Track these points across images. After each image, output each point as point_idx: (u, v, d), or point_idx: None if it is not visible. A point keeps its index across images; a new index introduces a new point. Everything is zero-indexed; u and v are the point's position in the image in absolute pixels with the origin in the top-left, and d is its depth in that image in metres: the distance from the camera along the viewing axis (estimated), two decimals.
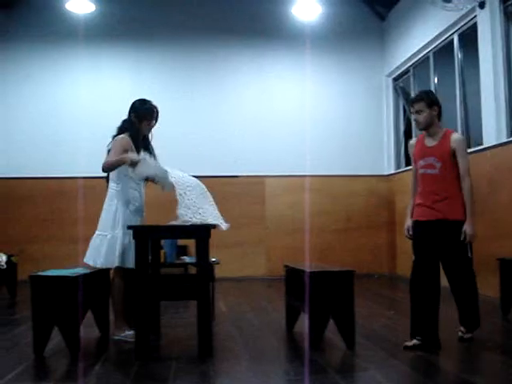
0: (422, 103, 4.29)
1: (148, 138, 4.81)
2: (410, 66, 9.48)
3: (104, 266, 4.55)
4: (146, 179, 4.56)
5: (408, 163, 9.66)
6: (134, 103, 4.75)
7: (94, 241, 4.61)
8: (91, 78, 9.83)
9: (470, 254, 4.29)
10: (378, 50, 10.20)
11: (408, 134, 9.83)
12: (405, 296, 7.74)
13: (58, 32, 9.72)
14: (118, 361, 4.06)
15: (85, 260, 4.63)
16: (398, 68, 9.81)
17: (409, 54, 9.27)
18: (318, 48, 9.93)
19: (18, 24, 9.73)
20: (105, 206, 4.63)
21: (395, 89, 10.18)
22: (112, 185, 4.62)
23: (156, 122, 4.77)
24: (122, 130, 4.68)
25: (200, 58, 9.96)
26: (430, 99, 4.30)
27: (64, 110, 9.68)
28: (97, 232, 4.64)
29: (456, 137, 4.29)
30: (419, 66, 9.31)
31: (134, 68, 9.95)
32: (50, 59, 9.76)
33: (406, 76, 9.81)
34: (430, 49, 8.75)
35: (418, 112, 4.30)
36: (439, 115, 4.34)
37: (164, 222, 4.32)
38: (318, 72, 10.03)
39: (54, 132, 9.60)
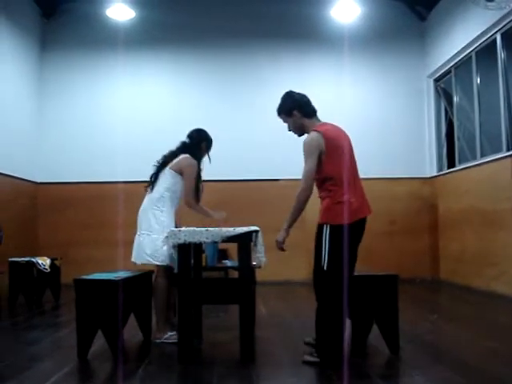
0: (282, 116, 4.22)
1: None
2: (452, 66, 9.31)
3: (150, 262, 4.65)
4: None
5: (451, 165, 9.52)
6: (203, 132, 5.07)
7: (137, 240, 4.75)
8: (130, 84, 9.91)
9: (324, 266, 3.79)
10: (418, 51, 10.05)
11: (450, 136, 9.67)
12: (448, 300, 7.67)
13: (98, 39, 9.83)
14: (161, 364, 4.07)
15: (133, 259, 4.77)
16: (439, 69, 9.64)
17: (450, 55, 9.10)
18: (357, 50, 9.85)
19: (59, 32, 9.90)
20: (146, 208, 4.78)
21: (436, 90, 10.02)
22: (161, 190, 4.76)
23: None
24: (182, 151, 4.91)
25: (240, 62, 9.97)
26: (283, 109, 4.18)
27: (103, 118, 9.78)
28: (138, 232, 4.76)
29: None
30: (461, 67, 9.14)
31: (172, 74, 9.99)
32: (90, 67, 9.85)
33: (447, 77, 9.64)
34: (471, 49, 8.58)
35: (285, 123, 4.22)
36: (305, 114, 4.12)
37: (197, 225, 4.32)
38: (357, 74, 9.95)
39: (94, 139, 9.70)
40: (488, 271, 7.76)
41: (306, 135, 4.06)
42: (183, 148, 4.93)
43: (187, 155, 4.83)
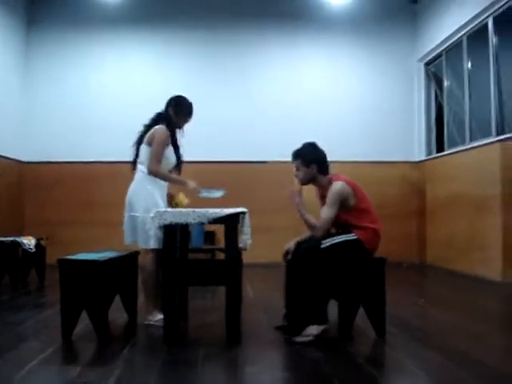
0: (297, 162, 4.29)
1: (175, 134, 4.83)
2: (443, 50, 9.27)
3: (141, 246, 4.58)
4: None
5: (440, 150, 9.50)
6: (172, 98, 4.84)
7: (127, 221, 4.66)
8: (118, 61, 9.84)
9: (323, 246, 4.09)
10: (409, 34, 9.99)
11: (439, 120, 9.65)
12: (435, 284, 7.68)
13: (86, 16, 9.72)
14: (146, 345, 4.04)
15: (125, 240, 4.68)
16: (430, 52, 9.60)
17: (441, 38, 9.06)
18: (348, 31, 9.81)
19: (46, 9, 9.76)
20: (134, 189, 4.66)
21: (427, 74, 9.98)
22: (143, 169, 4.64)
23: (191, 118, 4.87)
24: (156, 121, 4.75)
25: (229, 42, 9.87)
26: (303, 158, 4.26)
27: (92, 96, 9.70)
28: (127, 214, 4.67)
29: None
30: (452, 51, 9.10)
31: (161, 53, 9.88)
32: (77, 44, 9.74)
33: (438, 61, 9.60)
34: (463, 32, 8.54)
35: (296, 168, 4.31)
36: (322, 171, 4.29)
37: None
38: (348, 56, 9.91)
39: (82, 117, 9.62)
40: (475, 256, 7.78)
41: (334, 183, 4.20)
42: (156, 119, 4.77)
43: (158, 126, 4.66)
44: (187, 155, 4.99)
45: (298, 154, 4.31)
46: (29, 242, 6.93)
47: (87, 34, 9.76)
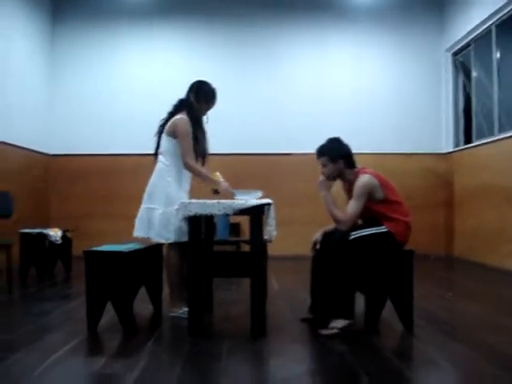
0: (323, 158, 4.20)
1: (201, 120, 4.74)
2: (471, 40, 9.09)
3: (156, 240, 4.53)
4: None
5: (467, 141, 9.36)
6: (194, 84, 4.72)
7: (143, 213, 4.58)
8: (144, 55, 9.81)
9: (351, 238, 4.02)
10: (436, 24, 9.82)
11: (467, 111, 9.50)
12: (462, 277, 7.58)
13: (110, 9, 9.74)
14: (171, 338, 4.04)
15: (135, 233, 4.60)
16: (457, 42, 9.42)
17: (469, 28, 8.88)
18: (375, 22, 9.70)
19: (70, 3, 9.78)
20: (154, 181, 4.60)
21: (455, 64, 9.82)
22: (163, 160, 4.59)
23: (214, 104, 4.73)
24: (178, 108, 4.66)
25: (256, 32, 9.79)
26: (330, 154, 4.17)
27: (117, 88, 9.71)
28: (145, 205, 4.60)
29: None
30: (480, 40, 8.93)
31: (187, 43, 9.84)
32: (102, 37, 9.75)
33: (466, 51, 9.42)
34: (491, 22, 8.36)
35: (322, 165, 4.22)
36: (349, 165, 4.21)
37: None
38: (374, 47, 9.78)
39: (107, 109, 9.64)
40: (504, 248, 7.65)
41: (360, 177, 4.12)
42: (179, 105, 4.66)
43: (179, 115, 4.57)
44: (211, 147, 4.94)
45: (323, 151, 4.22)
46: (55, 233, 6.97)
47: (112, 26, 9.77)
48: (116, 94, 9.70)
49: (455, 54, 9.74)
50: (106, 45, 9.80)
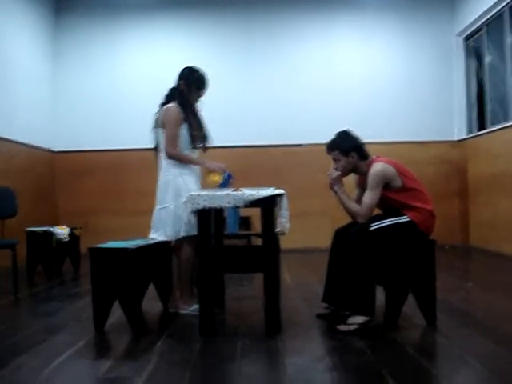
0: (335, 153, 4.00)
1: (195, 108, 4.56)
2: (483, 23, 8.85)
3: (173, 238, 4.37)
4: None
5: (481, 127, 9.13)
6: (183, 70, 4.57)
7: (159, 214, 4.44)
8: (149, 49, 9.61)
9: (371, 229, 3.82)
10: (447, 7, 9.56)
11: (480, 97, 9.27)
12: (480, 267, 7.38)
13: (114, 4, 9.56)
14: (182, 336, 3.84)
15: (152, 236, 4.44)
16: (469, 26, 9.17)
17: (481, 11, 8.62)
18: (383, 7, 9.48)
19: None
20: (160, 179, 4.46)
21: (467, 49, 9.57)
22: (164, 156, 4.44)
23: (206, 90, 4.55)
24: (169, 97, 4.51)
25: (263, 23, 9.58)
26: (341, 148, 3.98)
27: (122, 83, 9.54)
28: (158, 206, 4.46)
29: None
30: (493, 24, 8.69)
31: (193, 37, 9.63)
32: (106, 30, 9.57)
33: (478, 35, 9.19)
34: (504, 4, 8.11)
35: (334, 160, 4.04)
36: (362, 157, 4.03)
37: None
38: (383, 33, 9.56)
39: (112, 104, 9.49)
40: None
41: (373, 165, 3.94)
42: (170, 95, 4.53)
43: (168, 105, 4.42)
44: (220, 140, 4.77)
45: (334, 145, 4.03)
46: (62, 231, 6.83)
47: (116, 20, 9.60)
48: (120, 88, 9.52)
49: (467, 38, 9.50)
50: (110, 39, 9.62)
